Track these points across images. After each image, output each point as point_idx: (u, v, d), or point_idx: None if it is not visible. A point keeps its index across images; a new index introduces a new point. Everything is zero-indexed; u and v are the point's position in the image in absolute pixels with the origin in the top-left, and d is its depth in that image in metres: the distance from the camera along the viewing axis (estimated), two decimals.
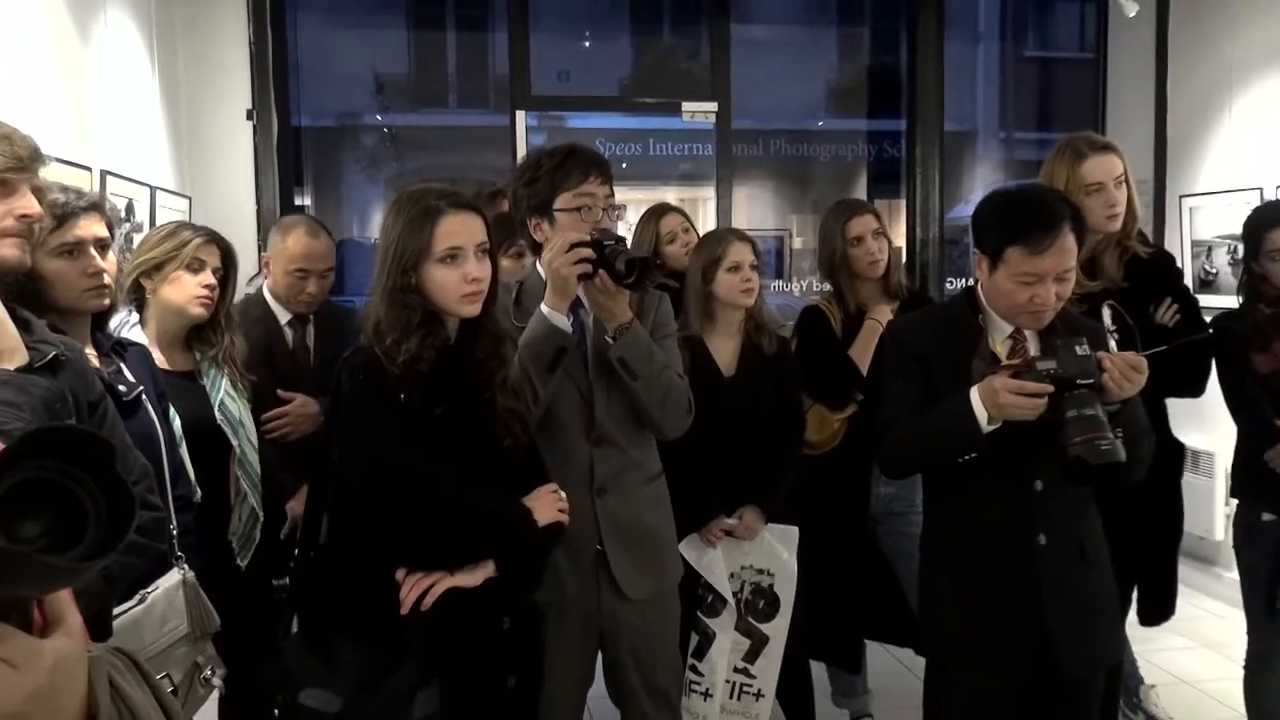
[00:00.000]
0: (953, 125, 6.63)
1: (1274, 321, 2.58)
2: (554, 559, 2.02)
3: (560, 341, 1.99)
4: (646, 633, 2.18)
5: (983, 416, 1.86)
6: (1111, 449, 1.76)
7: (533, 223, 2.12)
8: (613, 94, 6.50)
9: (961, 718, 2.05)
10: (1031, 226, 1.91)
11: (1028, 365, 1.84)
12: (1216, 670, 3.15)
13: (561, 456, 2.06)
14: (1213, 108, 4.82)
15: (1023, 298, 1.93)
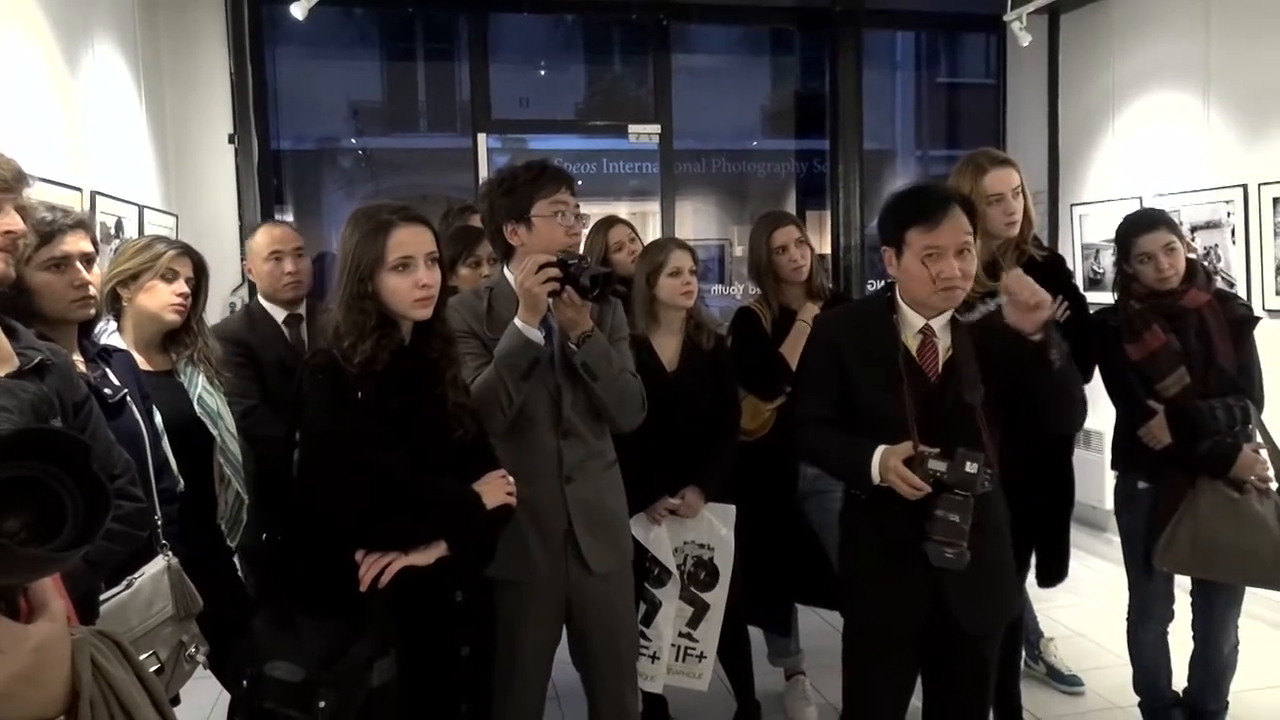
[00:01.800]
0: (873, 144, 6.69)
1: (1143, 316, 2.62)
2: (526, 541, 2.07)
3: (535, 354, 2.02)
4: (610, 604, 2.21)
5: (875, 475, 1.90)
6: (953, 559, 1.85)
7: (509, 228, 2.12)
8: (568, 118, 6.50)
9: (869, 672, 2.06)
10: (924, 206, 1.94)
11: (923, 459, 1.85)
12: (1106, 623, 3.21)
13: (533, 449, 2.10)
14: (1097, 126, 4.91)
15: (930, 274, 1.92)
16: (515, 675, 2.13)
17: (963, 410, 1.94)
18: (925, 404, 1.94)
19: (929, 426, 1.91)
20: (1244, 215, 3.98)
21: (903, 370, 1.95)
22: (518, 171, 2.14)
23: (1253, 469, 2.52)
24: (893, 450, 1.88)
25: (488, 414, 1.98)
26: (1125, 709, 3.04)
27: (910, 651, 2.02)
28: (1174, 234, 2.63)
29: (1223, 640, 2.71)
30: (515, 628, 2.09)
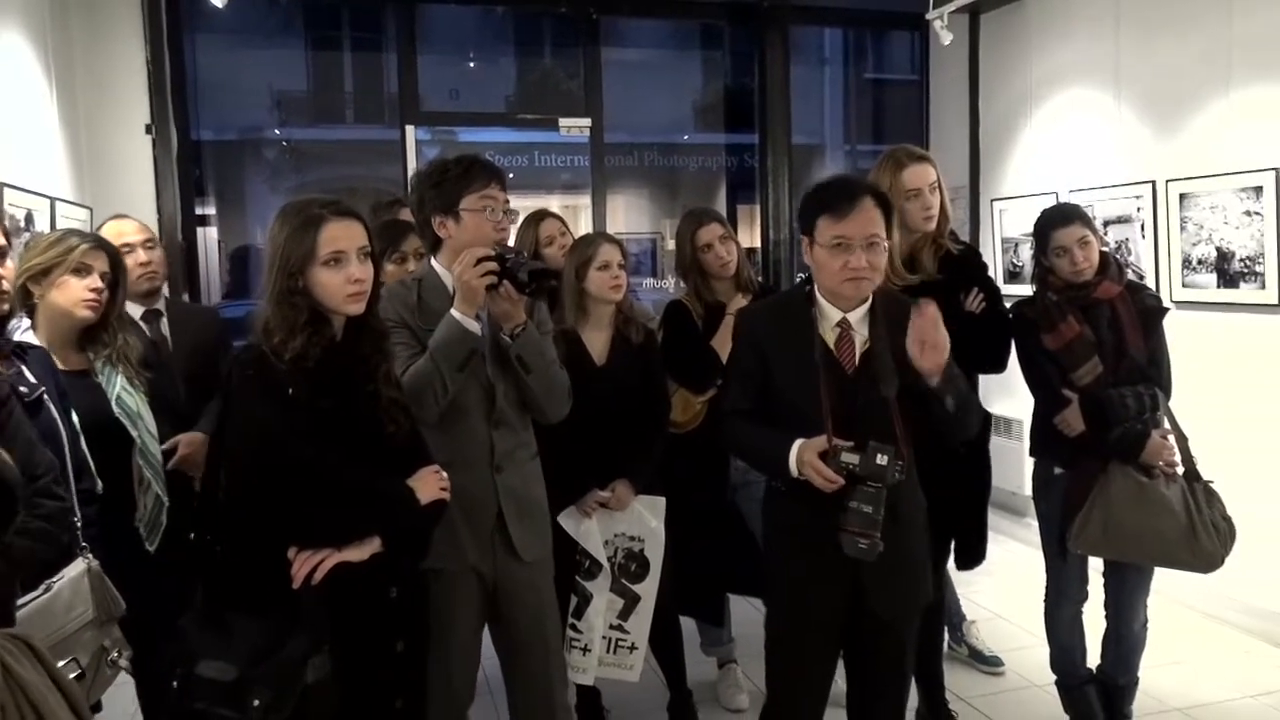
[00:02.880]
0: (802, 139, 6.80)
1: (1059, 307, 2.72)
2: (457, 530, 2.08)
3: (473, 344, 2.04)
4: (536, 590, 2.24)
5: (793, 468, 1.94)
6: (866, 550, 1.89)
7: (437, 221, 2.13)
8: (498, 110, 6.47)
9: (792, 658, 2.11)
10: (835, 196, 1.98)
11: (836, 452, 1.90)
12: (1024, 605, 3.33)
13: (466, 438, 2.13)
14: (1016, 123, 5.05)
15: (837, 265, 1.95)
16: (450, 663, 2.14)
17: (878, 402, 1.98)
18: (841, 397, 1.98)
19: (845, 419, 1.95)
20: (1152, 210, 4.16)
21: (820, 363, 1.99)
22: (448, 165, 2.15)
23: (1160, 454, 2.63)
24: (808, 444, 1.92)
25: (421, 403, 1.99)
26: (1043, 687, 3.17)
27: (831, 637, 2.07)
28: (1088, 228, 2.73)
29: (1133, 618, 2.84)
30: (446, 616, 2.10)
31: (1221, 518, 2.64)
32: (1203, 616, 3.77)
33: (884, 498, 1.89)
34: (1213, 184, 3.88)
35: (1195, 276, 4.00)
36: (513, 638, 2.25)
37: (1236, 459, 3.23)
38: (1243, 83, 3.76)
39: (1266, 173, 3.63)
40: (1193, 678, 3.36)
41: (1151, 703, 3.10)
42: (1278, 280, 3.63)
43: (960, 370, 2.02)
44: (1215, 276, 3.91)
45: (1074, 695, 2.92)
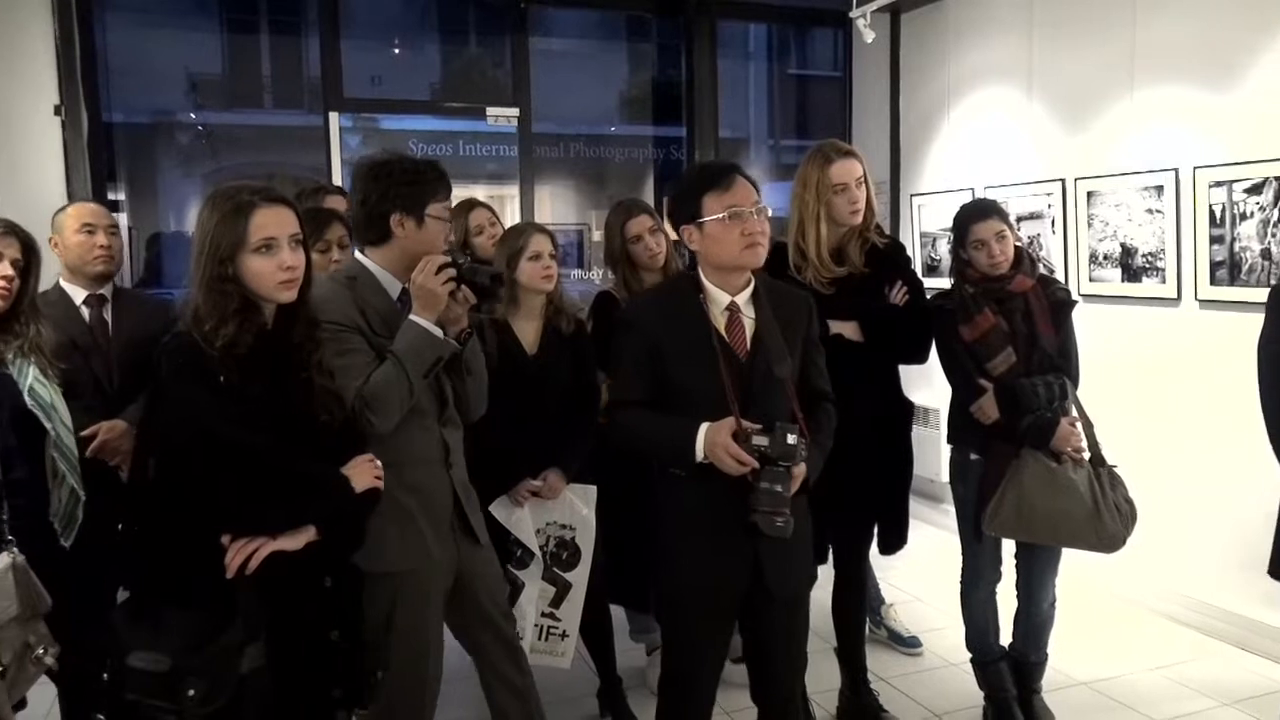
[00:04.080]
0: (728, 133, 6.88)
1: (975, 299, 2.83)
2: (421, 528, 2.13)
3: (441, 351, 2.07)
4: (493, 569, 2.39)
5: (700, 453, 1.96)
6: (783, 527, 1.95)
7: (397, 218, 2.11)
8: (423, 98, 6.40)
9: (693, 639, 2.13)
10: (713, 175, 2.05)
11: (746, 435, 1.94)
12: (941, 588, 3.47)
13: (424, 438, 2.17)
14: (935, 120, 5.22)
15: (736, 233, 2.01)
16: (426, 660, 2.21)
17: (773, 383, 2.05)
18: (738, 379, 2.02)
19: (743, 401, 2.00)
20: (1062, 207, 4.35)
21: (716, 348, 2.03)
22: (420, 166, 2.16)
23: (1069, 441, 2.77)
24: (715, 427, 1.95)
25: (385, 410, 1.99)
26: (959, 665, 3.31)
27: (730, 615, 2.12)
28: (1004, 223, 2.85)
29: (1042, 597, 2.99)
30: (421, 613, 2.17)
31: (1124, 500, 2.79)
32: (1109, 597, 3.97)
33: (790, 476, 1.95)
34: (1117, 183, 4.08)
35: (1101, 271, 4.19)
36: (479, 615, 2.33)
37: (1139, 444, 3.41)
38: (1144, 87, 3.96)
39: (1167, 173, 3.83)
40: (1098, 654, 3.54)
41: (1060, 677, 3.27)
42: (1177, 275, 3.84)
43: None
44: (1120, 271, 4.11)
45: (988, 672, 3.06)
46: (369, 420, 1.98)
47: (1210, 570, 3.67)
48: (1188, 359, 3.80)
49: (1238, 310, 3.53)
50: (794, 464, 1.95)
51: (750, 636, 2.16)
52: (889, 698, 3.20)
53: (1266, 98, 3.49)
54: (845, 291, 2.79)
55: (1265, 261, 3.50)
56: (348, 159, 5.16)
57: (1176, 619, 3.84)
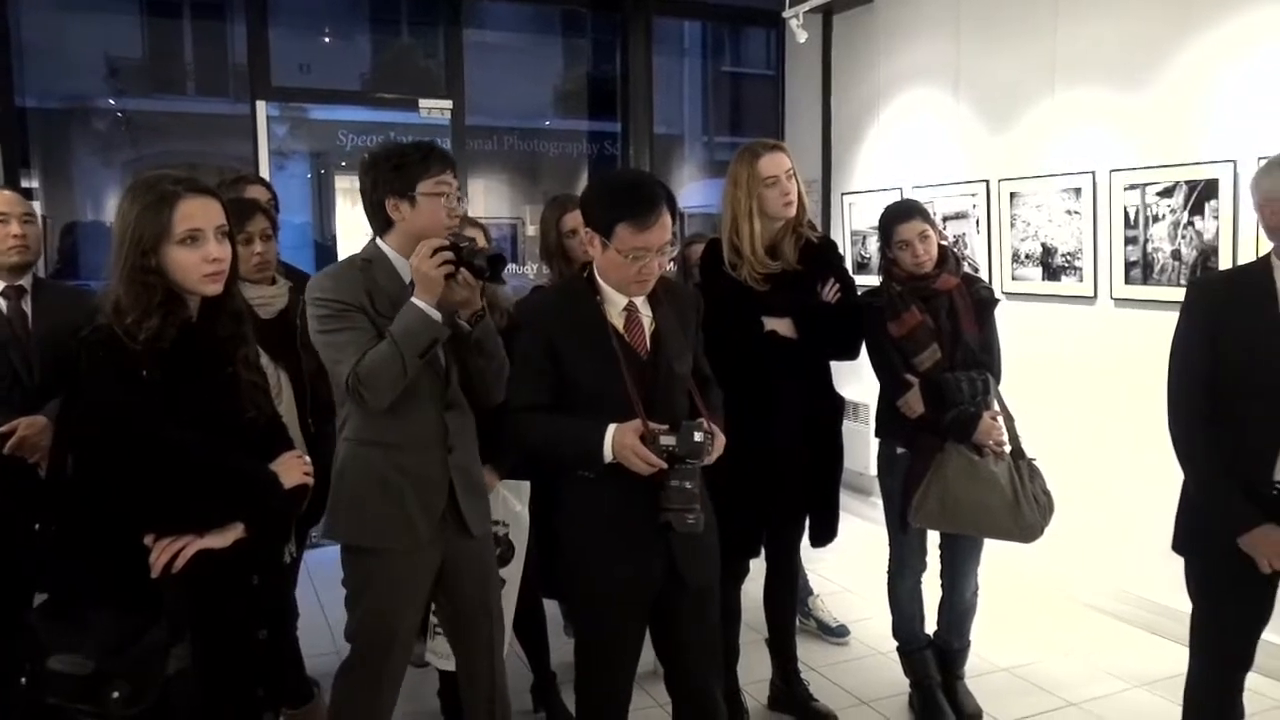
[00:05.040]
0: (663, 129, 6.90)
1: (902, 297, 2.91)
2: (410, 510, 2.16)
3: (436, 334, 2.08)
4: (484, 562, 2.39)
5: (608, 455, 1.95)
6: (694, 523, 1.96)
7: (391, 203, 2.16)
8: (353, 88, 6.29)
9: (609, 638, 2.12)
10: (637, 204, 1.98)
11: (654, 436, 1.92)
12: (868, 579, 3.55)
13: (421, 421, 2.18)
14: (865, 120, 5.31)
15: (632, 271, 2.00)
16: (392, 648, 2.23)
17: (675, 380, 2.07)
18: (639, 379, 2.02)
19: (646, 400, 1.99)
20: (986, 207, 4.47)
21: (617, 349, 2.02)
22: (406, 149, 2.20)
23: (991, 434, 2.86)
24: (623, 430, 1.94)
25: (377, 389, 2.05)
26: (886, 654, 3.39)
27: (644, 611, 2.11)
28: (928, 223, 2.93)
29: (965, 586, 3.08)
30: (395, 596, 2.20)
31: (1042, 492, 2.89)
32: (1029, 586, 4.10)
33: (699, 472, 1.97)
34: (1038, 184, 4.21)
35: (1023, 270, 4.33)
36: (459, 608, 2.35)
37: (1058, 438, 3.53)
38: (1065, 90, 4.10)
39: (1085, 175, 3.97)
40: (1018, 641, 3.67)
41: (982, 663, 3.37)
42: (1094, 274, 3.99)
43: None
44: (1040, 270, 4.24)
45: (913, 660, 3.15)
46: (361, 397, 2.05)
47: (1125, 558, 3.82)
48: (1104, 355, 3.94)
49: (1150, 309, 3.68)
50: (700, 460, 1.96)
51: (662, 628, 2.15)
52: (819, 686, 3.26)
53: (1176, 102, 3.64)
54: (780, 288, 2.83)
55: (1175, 262, 3.65)
56: (275, 149, 5.05)
57: (1094, 606, 3.99)
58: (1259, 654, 2.29)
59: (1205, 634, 2.32)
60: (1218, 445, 2.18)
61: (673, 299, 2.14)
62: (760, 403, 2.77)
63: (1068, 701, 3.24)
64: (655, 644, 2.21)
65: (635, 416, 1.96)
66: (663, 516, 1.96)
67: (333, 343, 2.11)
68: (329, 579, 4.34)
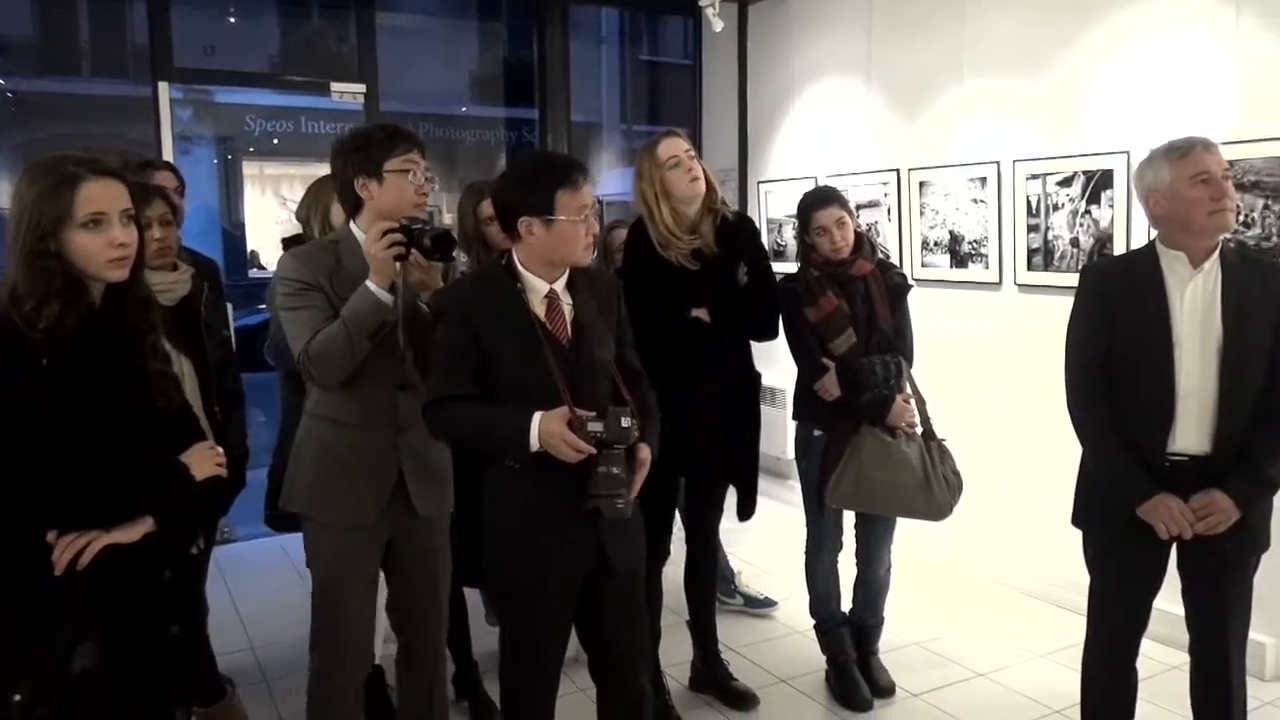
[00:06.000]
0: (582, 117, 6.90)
1: (819, 282, 2.97)
2: (357, 488, 2.21)
3: (385, 316, 2.13)
4: (433, 544, 2.39)
5: (535, 443, 1.92)
6: (623, 508, 1.97)
7: (360, 182, 2.20)
8: (261, 70, 6.11)
9: (537, 628, 2.10)
10: (564, 170, 2.02)
11: (581, 423, 1.91)
12: (786, 560, 3.61)
13: (373, 401, 2.23)
14: (781, 109, 5.38)
15: (580, 232, 2.01)
16: (345, 618, 2.27)
17: (597, 367, 2.08)
18: (563, 366, 2.00)
19: (571, 387, 1.98)
20: (897, 196, 4.59)
21: (540, 337, 2.01)
22: (372, 130, 2.26)
23: (903, 416, 2.95)
24: (550, 417, 1.92)
25: (327, 368, 2.13)
26: (803, 633, 3.47)
27: (572, 599, 2.10)
28: (844, 210, 3.00)
29: (879, 564, 3.18)
30: (339, 570, 2.25)
31: (952, 472, 3.00)
32: (940, 564, 4.23)
33: (624, 458, 1.98)
34: (946, 174, 4.34)
35: (932, 257, 4.45)
36: (406, 589, 2.39)
37: (967, 419, 3.65)
38: (972, 82, 4.22)
39: (989, 165, 4.10)
40: (929, 616, 3.79)
41: (895, 639, 3.47)
42: (999, 261, 4.13)
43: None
44: (949, 257, 4.37)
45: (830, 637, 3.23)
46: (310, 373, 2.14)
47: (1030, 534, 3.97)
48: (1009, 340, 4.09)
49: (1051, 294, 3.82)
50: (626, 445, 1.97)
51: (588, 616, 2.15)
52: (739, 666, 3.32)
53: (1073, 94, 3.79)
54: (704, 270, 2.86)
55: (1074, 249, 3.80)
56: (179, 133, 4.88)
57: (1001, 581, 4.14)
58: (1151, 621, 2.41)
59: (1102, 603, 2.44)
60: (1114, 422, 2.29)
61: (592, 286, 2.15)
62: (681, 382, 2.80)
63: (975, 672, 3.37)
64: (580, 632, 2.20)
65: (560, 404, 1.95)
66: (591, 503, 1.96)
67: (291, 320, 2.19)
68: (241, 574, 4.28)
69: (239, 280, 7.32)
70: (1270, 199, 3.16)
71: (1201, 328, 2.21)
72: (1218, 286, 2.23)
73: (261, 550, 4.41)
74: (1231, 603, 2.30)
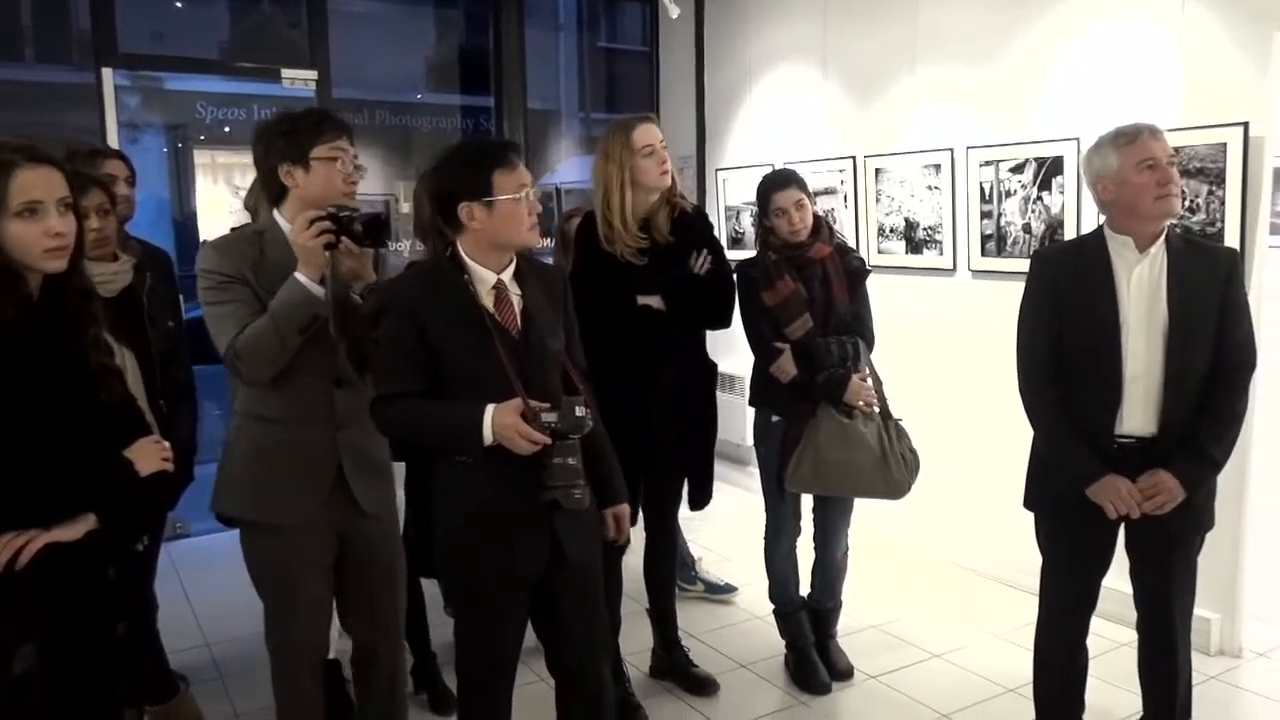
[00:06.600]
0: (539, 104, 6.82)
1: (777, 265, 2.98)
2: (294, 486, 2.15)
3: (316, 309, 2.05)
4: (386, 541, 2.35)
5: (489, 437, 1.89)
6: (580, 498, 1.96)
7: (285, 169, 2.14)
8: (210, 57, 5.97)
9: (494, 623, 2.07)
10: (496, 151, 2.00)
11: (535, 414, 1.88)
12: (746, 547, 3.62)
13: (305, 397, 2.16)
14: (738, 97, 5.38)
15: (524, 212, 1.97)
16: (295, 617, 2.23)
17: (548, 357, 2.05)
18: (514, 358, 1.97)
19: (522, 379, 1.95)
20: (853, 183, 4.61)
21: (490, 329, 1.97)
22: (298, 115, 2.17)
23: (860, 394, 2.95)
24: (504, 409, 1.88)
25: (256, 364, 2.05)
26: (763, 618, 3.49)
27: (527, 593, 2.08)
28: (804, 192, 3.00)
29: (836, 547, 3.20)
30: (288, 570, 2.19)
31: (909, 450, 3.02)
32: (897, 547, 4.28)
33: (579, 448, 1.96)
34: (901, 160, 4.36)
35: (888, 243, 4.48)
36: (362, 586, 2.33)
37: (923, 401, 3.68)
38: (926, 70, 4.25)
39: (944, 152, 4.13)
40: (886, 599, 3.84)
41: (853, 622, 3.51)
42: (953, 247, 4.16)
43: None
44: (904, 244, 4.40)
45: (789, 621, 3.25)
46: (238, 370, 2.07)
47: (984, 516, 4.02)
48: (963, 324, 4.13)
49: (1004, 279, 3.87)
50: (581, 435, 1.95)
51: (544, 609, 2.12)
52: (699, 652, 3.33)
53: (1024, 81, 3.83)
54: (655, 261, 2.84)
55: (1026, 235, 3.85)
56: (127, 121, 4.76)
57: (957, 563, 4.20)
58: (1101, 599, 2.46)
59: (1053, 582, 2.48)
60: (1064, 405, 2.32)
61: (539, 276, 2.11)
62: (635, 374, 2.79)
63: (931, 654, 3.41)
64: (536, 625, 2.17)
65: (512, 396, 1.92)
66: (547, 495, 1.94)
67: (214, 314, 2.10)
68: (195, 569, 4.21)
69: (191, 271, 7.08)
70: (1214, 184, 3.21)
71: (1148, 312, 2.25)
72: (1164, 271, 2.26)
73: (216, 545, 4.32)
74: (1177, 580, 2.35)
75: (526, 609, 2.12)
